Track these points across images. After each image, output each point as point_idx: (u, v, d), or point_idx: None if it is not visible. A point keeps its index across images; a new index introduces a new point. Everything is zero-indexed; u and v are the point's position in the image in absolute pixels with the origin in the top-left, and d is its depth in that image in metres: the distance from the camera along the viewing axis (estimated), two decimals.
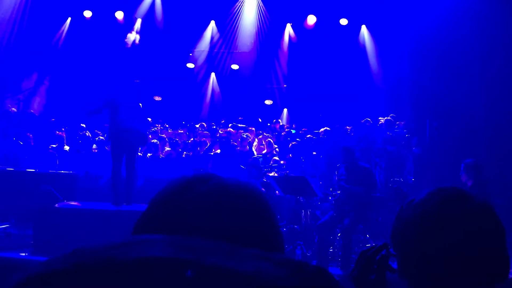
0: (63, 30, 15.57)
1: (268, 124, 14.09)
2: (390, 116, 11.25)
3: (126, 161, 7.19)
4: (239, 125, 13.22)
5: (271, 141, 11.46)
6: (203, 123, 13.57)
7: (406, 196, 6.58)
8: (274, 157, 9.92)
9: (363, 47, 15.29)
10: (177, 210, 0.76)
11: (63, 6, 15.07)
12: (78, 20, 15.56)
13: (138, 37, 15.80)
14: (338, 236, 6.97)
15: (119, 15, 15.86)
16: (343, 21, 15.05)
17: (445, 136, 9.66)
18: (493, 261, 1.15)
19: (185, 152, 10.58)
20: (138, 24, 16.03)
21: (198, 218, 0.74)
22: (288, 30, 16.21)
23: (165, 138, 11.79)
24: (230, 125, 13.48)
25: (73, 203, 7.32)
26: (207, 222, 0.73)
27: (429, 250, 1.16)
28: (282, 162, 9.73)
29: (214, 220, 0.74)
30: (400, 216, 1.27)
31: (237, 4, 16.15)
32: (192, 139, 11.68)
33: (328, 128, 11.24)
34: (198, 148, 10.56)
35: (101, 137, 11.20)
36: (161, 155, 10.43)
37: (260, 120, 14.58)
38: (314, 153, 10.10)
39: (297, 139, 11.30)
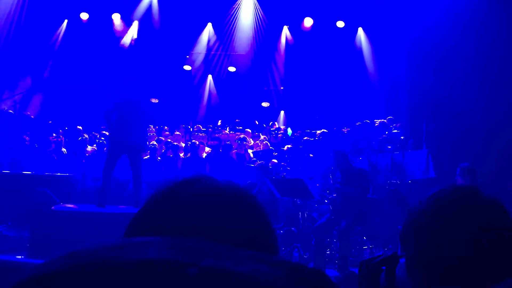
0: (60, 32, 15.55)
1: (264, 125, 14.09)
2: (387, 118, 11.28)
3: (132, 167, 7.21)
4: (237, 127, 13.23)
5: (267, 143, 11.47)
6: (200, 126, 13.57)
7: (403, 198, 6.59)
8: (273, 160, 9.92)
9: (359, 50, 15.33)
10: (168, 212, 0.76)
11: (60, 8, 15.04)
12: (75, 22, 15.53)
13: (135, 33, 15.80)
14: (335, 238, 6.98)
15: (116, 17, 15.84)
16: (340, 24, 15.08)
17: (442, 138, 9.68)
18: (501, 257, 1.16)
19: (181, 154, 10.56)
20: (135, 26, 16.03)
21: (188, 220, 0.74)
22: (285, 32, 16.23)
23: (161, 140, 11.77)
24: (227, 127, 13.49)
25: (69, 205, 7.30)
26: (198, 223, 0.73)
27: (442, 241, 1.17)
28: (283, 164, 9.74)
29: (205, 221, 0.74)
30: (413, 211, 1.28)
31: (234, 6, 16.16)
32: (189, 142, 11.66)
33: (325, 130, 11.26)
34: (195, 150, 10.54)
35: (102, 139, 11.19)
36: (158, 158, 10.41)
37: (257, 122, 14.59)
38: (311, 155, 10.11)
39: (303, 139, 11.30)
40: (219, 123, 14.35)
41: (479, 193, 1.24)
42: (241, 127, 13.45)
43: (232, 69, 16.40)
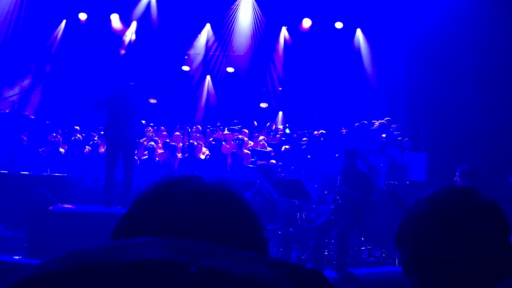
0: (58, 32, 15.52)
1: (266, 124, 14.09)
2: (385, 119, 11.28)
3: (124, 163, 7.16)
4: (235, 127, 13.23)
5: (265, 143, 11.47)
6: (198, 126, 13.56)
7: (401, 199, 6.59)
8: (271, 160, 9.92)
9: (358, 50, 15.34)
10: (155, 213, 0.76)
11: (58, 8, 15.02)
12: (73, 23, 15.51)
13: (133, 31, 15.79)
14: (333, 239, 6.97)
15: (114, 17, 15.83)
16: (338, 25, 15.10)
17: (440, 138, 9.69)
18: (500, 258, 1.16)
19: (179, 155, 10.55)
20: (133, 26, 16.01)
21: (175, 221, 0.74)
22: (284, 33, 16.24)
23: (159, 141, 11.76)
24: (225, 128, 13.48)
25: (67, 205, 7.28)
26: (185, 224, 0.73)
27: (440, 243, 1.17)
28: (280, 163, 9.74)
29: (192, 222, 0.74)
30: (409, 212, 1.28)
31: (232, 7, 16.16)
32: (187, 142, 11.65)
33: (323, 131, 11.26)
34: (193, 150, 10.53)
35: (96, 139, 11.17)
36: (157, 159, 10.40)
37: (255, 123, 14.58)
38: (308, 156, 10.11)
39: (302, 140, 11.31)
40: (218, 124, 14.34)
41: (477, 195, 1.24)
42: (239, 126, 13.45)
43: (230, 69, 16.40)
